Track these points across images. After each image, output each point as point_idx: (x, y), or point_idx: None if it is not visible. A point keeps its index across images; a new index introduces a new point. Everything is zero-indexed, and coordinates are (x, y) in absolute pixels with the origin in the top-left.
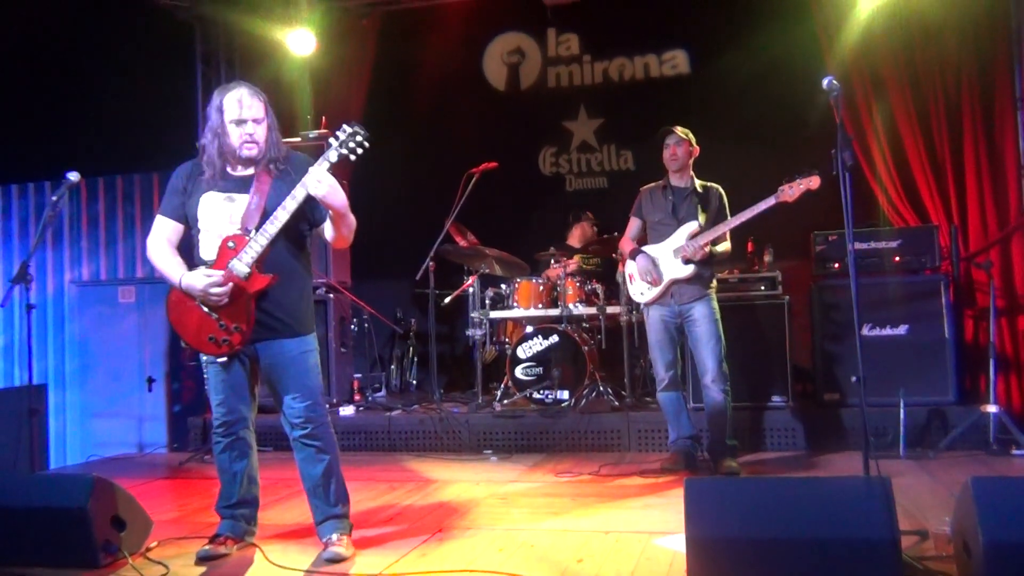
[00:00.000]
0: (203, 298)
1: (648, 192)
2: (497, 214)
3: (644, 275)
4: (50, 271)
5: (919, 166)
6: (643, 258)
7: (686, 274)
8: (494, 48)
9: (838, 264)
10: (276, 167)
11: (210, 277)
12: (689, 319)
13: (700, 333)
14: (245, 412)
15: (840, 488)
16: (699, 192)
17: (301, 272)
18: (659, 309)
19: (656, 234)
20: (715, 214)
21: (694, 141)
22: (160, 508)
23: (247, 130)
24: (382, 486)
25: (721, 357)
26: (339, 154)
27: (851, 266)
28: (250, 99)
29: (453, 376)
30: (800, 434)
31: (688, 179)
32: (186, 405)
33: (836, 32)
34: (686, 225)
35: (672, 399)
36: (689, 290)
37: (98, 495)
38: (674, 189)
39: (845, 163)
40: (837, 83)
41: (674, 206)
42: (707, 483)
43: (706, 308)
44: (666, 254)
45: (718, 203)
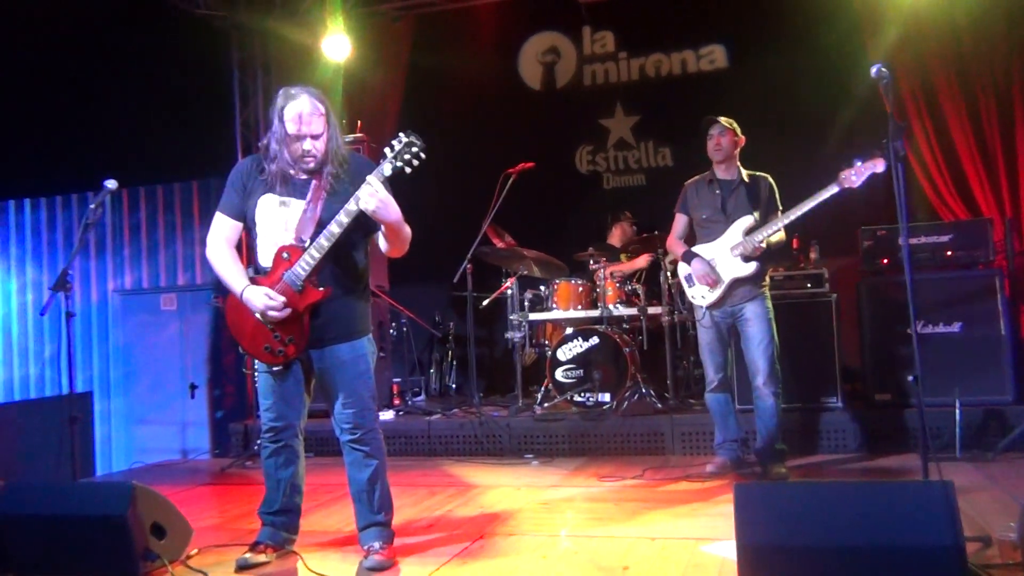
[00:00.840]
0: (260, 316)
1: (693, 186)
2: (534, 214)
3: (703, 279)
4: (94, 280)
5: (968, 157)
6: (699, 261)
7: (749, 272)
8: (529, 48)
9: (887, 260)
10: (334, 175)
11: (271, 300)
12: (741, 318)
13: (752, 333)
14: (294, 419)
15: (900, 493)
16: (747, 183)
17: (357, 281)
18: (714, 309)
19: (705, 232)
20: (767, 205)
21: (739, 130)
22: (201, 515)
23: (305, 147)
24: (422, 491)
25: (774, 358)
26: (393, 167)
27: (906, 261)
28: (309, 116)
29: (493, 379)
30: (851, 436)
31: (735, 170)
32: (228, 411)
33: (879, 22)
34: (740, 220)
35: (721, 401)
36: (742, 289)
37: (138, 503)
38: (721, 182)
39: (897, 153)
40: (887, 71)
41: (723, 201)
42: (758, 488)
43: (759, 307)
44: (723, 252)
45: (768, 193)
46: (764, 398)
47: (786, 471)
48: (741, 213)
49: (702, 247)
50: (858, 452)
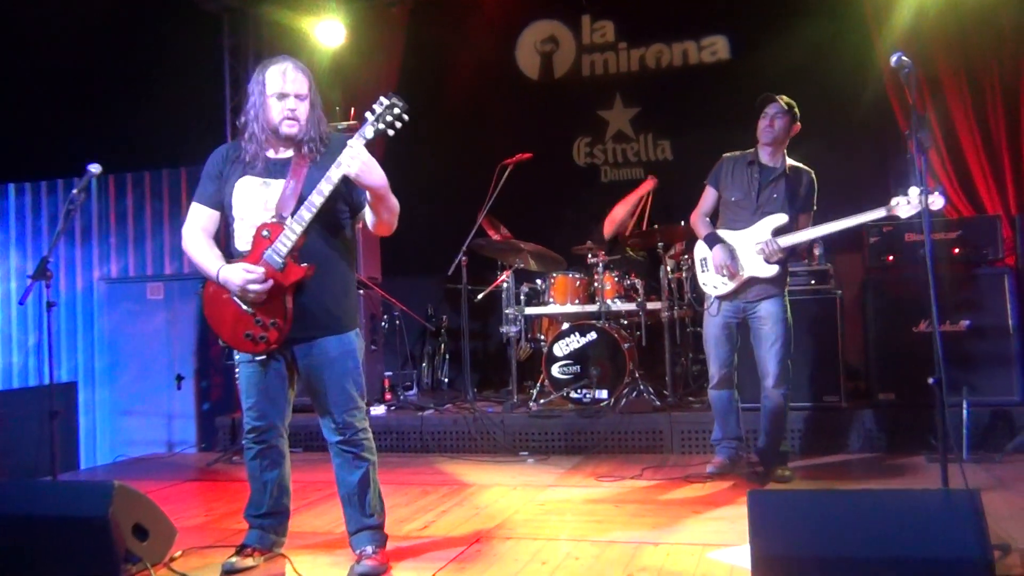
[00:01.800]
0: (241, 294)
1: (731, 162)
2: (531, 207)
3: (720, 268)
4: (79, 268)
5: (974, 154)
6: (721, 249)
7: (769, 274)
8: (527, 37)
9: (892, 257)
10: (315, 149)
11: (250, 273)
12: (755, 316)
13: (766, 333)
14: (277, 419)
15: (923, 502)
16: (789, 176)
17: (342, 263)
18: (725, 301)
19: (731, 214)
20: (803, 202)
21: (798, 114)
22: (186, 513)
23: (289, 105)
24: (415, 490)
25: (787, 361)
26: (375, 129)
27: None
28: (294, 72)
29: (486, 374)
30: (854, 436)
31: (780, 158)
32: (215, 403)
33: (885, 15)
34: (772, 217)
35: (724, 398)
36: (759, 287)
37: (119, 503)
38: (762, 167)
39: (922, 145)
40: (908, 59)
41: (759, 186)
42: (773, 496)
43: (776, 307)
44: (746, 246)
45: (808, 190)
46: (772, 399)
47: (790, 473)
48: (774, 208)
49: (725, 233)
50: (861, 452)
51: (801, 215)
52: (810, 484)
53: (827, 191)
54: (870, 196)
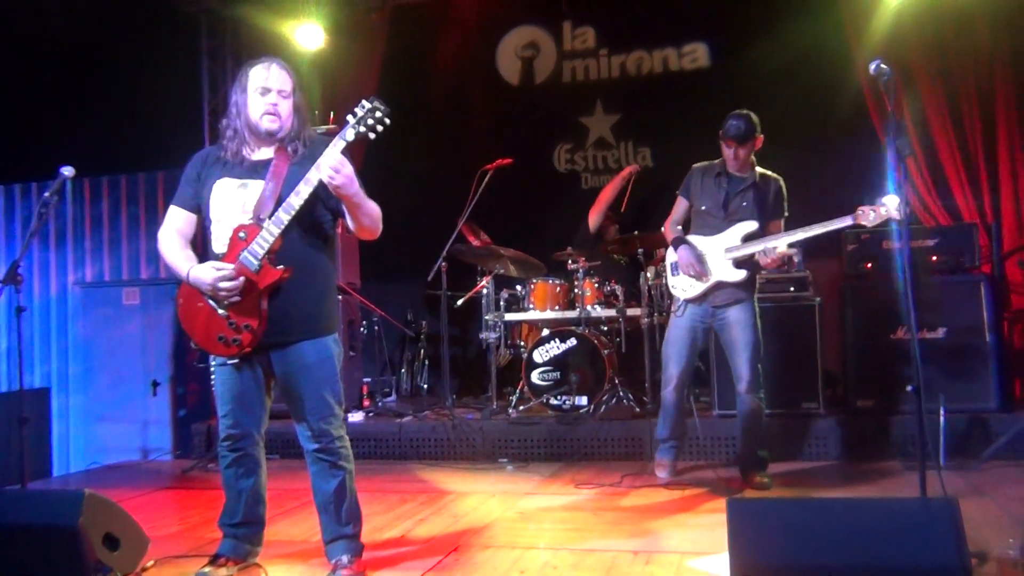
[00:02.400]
0: (212, 293)
1: (701, 172)
2: (511, 213)
3: (687, 268)
4: (53, 272)
5: (951, 162)
6: (686, 249)
7: (738, 279)
8: (508, 42)
9: (870, 264)
10: (296, 149)
11: (220, 270)
12: (723, 321)
13: (736, 338)
14: (253, 427)
15: (901, 510)
16: (758, 184)
17: (321, 266)
18: (693, 305)
19: (701, 223)
20: (772, 210)
21: (759, 129)
22: (159, 522)
23: (270, 100)
24: (393, 498)
25: (758, 365)
26: (356, 132)
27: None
28: (279, 70)
29: (466, 381)
30: (832, 443)
31: (749, 169)
32: (191, 409)
33: (863, 22)
34: (742, 224)
35: (678, 401)
36: (728, 291)
37: (90, 512)
38: (730, 177)
39: (901, 152)
40: (886, 67)
41: (727, 197)
42: (752, 504)
43: (745, 312)
44: (716, 252)
45: (776, 197)
46: (748, 403)
47: (768, 480)
48: (744, 216)
49: (695, 239)
50: (839, 459)
51: (771, 222)
52: (789, 491)
53: (805, 197)
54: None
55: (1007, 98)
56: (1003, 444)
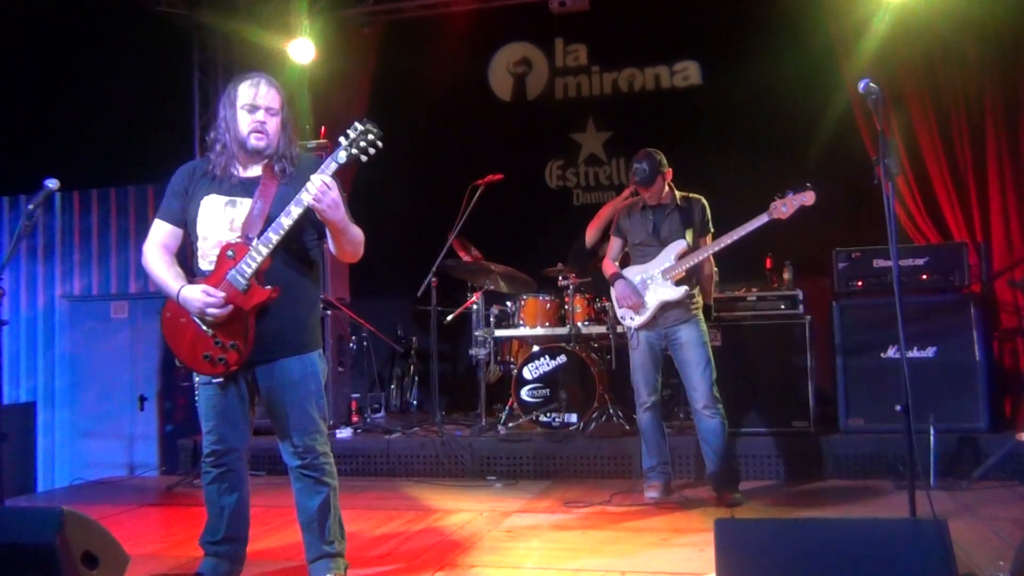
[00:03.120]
0: (200, 316)
1: (625, 211)
2: (502, 228)
3: (623, 300)
4: (40, 285)
5: (940, 180)
6: (621, 284)
7: (678, 296)
8: (500, 58)
9: (861, 282)
10: (284, 169)
11: (210, 297)
12: (675, 342)
13: (688, 357)
14: (237, 442)
15: (890, 531)
16: (681, 207)
17: (307, 285)
18: (645, 332)
19: (639, 254)
20: (699, 228)
21: (664, 163)
22: (141, 540)
23: (258, 118)
24: (379, 515)
25: (712, 381)
26: (349, 155)
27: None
28: (267, 87)
29: (455, 397)
30: (822, 462)
31: (669, 195)
32: (178, 425)
33: (852, 42)
34: (674, 244)
35: (655, 423)
36: (674, 312)
37: (68, 530)
38: (653, 208)
39: (890, 171)
40: (875, 86)
41: (655, 226)
42: (741, 525)
43: (693, 331)
44: (654, 275)
45: (701, 216)
46: (706, 419)
47: (740, 496)
48: (675, 237)
49: (633, 269)
50: (829, 477)
51: (700, 239)
52: (777, 511)
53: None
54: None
55: (996, 117)
56: (993, 464)
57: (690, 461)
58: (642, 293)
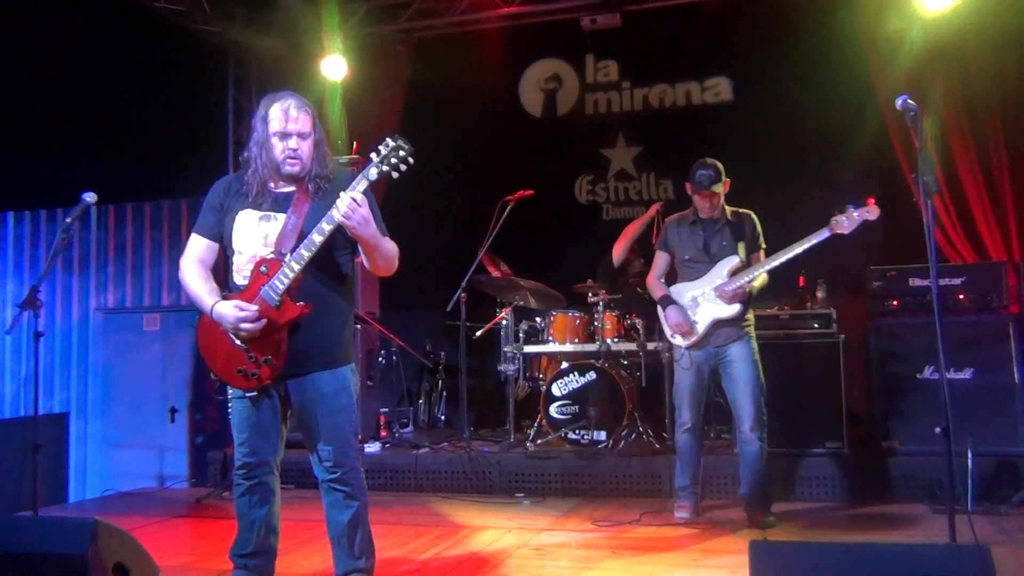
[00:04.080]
0: (233, 331)
1: (675, 224)
2: (532, 244)
3: (675, 328)
4: (75, 297)
5: (977, 199)
6: (674, 310)
7: (731, 314)
8: (530, 74)
9: (896, 301)
10: (319, 185)
11: (243, 311)
12: (725, 360)
13: (738, 376)
14: (269, 455)
15: (930, 556)
16: (731, 222)
17: (340, 300)
18: (695, 349)
19: (688, 271)
20: (750, 244)
21: (724, 173)
22: (171, 551)
23: (291, 145)
24: (408, 531)
25: (761, 403)
26: (380, 171)
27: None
28: (296, 112)
29: (483, 413)
30: (855, 484)
31: (719, 210)
32: (208, 437)
33: (887, 60)
34: (726, 260)
35: (694, 444)
36: (726, 330)
37: (100, 541)
38: (703, 222)
39: (928, 189)
40: (913, 103)
41: (705, 242)
42: (776, 547)
43: (744, 349)
44: (705, 292)
45: (752, 231)
46: (750, 443)
47: (774, 519)
48: (726, 253)
49: (683, 286)
50: (863, 500)
51: (752, 255)
52: (810, 534)
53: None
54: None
55: None
56: None
57: (720, 481)
58: (693, 311)
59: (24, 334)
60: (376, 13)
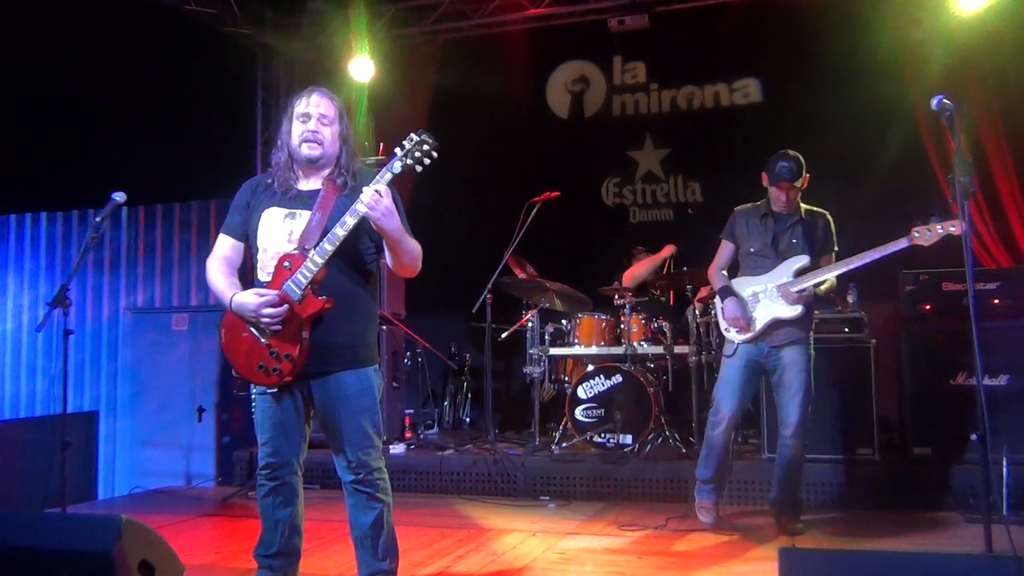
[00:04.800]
0: (255, 320)
1: (744, 214)
2: (558, 246)
3: (732, 322)
4: (106, 297)
5: (1012, 201)
6: (732, 302)
7: (793, 315)
8: (558, 76)
9: (929, 306)
10: (346, 182)
11: (262, 296)
12: (777, 361)
13: (789, 381)
14: (292, 456)
15: (965, 567)
16: (805, 220)
17: (363, 297)
18: (746, 346)
19: (752, 265)
20: (822, 245)
21: (805, 167)
22: (196, 550)
23: (310, 126)
24: (431, 533)
25: (807, 411)
26: (404, 164)
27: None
28: (319, 97)
29: (508, 415)
30: (887, 491)
31: (794, 206)
32: (235, 436)
33: (921, 61)
34: (794, 259)
35: (727, 443)
36: (785, 331)
37: (126, 538)
38: (776, 216)
39: (966, 190)
40: (950, 102)
41: (774, 237)
42: (806, 555)
43: (799, 355)
44: (768, 290)
45: (825, 232)
46: (790, 449)
47: (802, 526)
48: (795, 252)
49: (745, 279)
50: (895, 507)
51: (822, 257)
52: (840, 541)
53: (857, 233)
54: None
55: None
56: None
57: (746, 487)
58: (753, 307)
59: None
60: (403, 15)
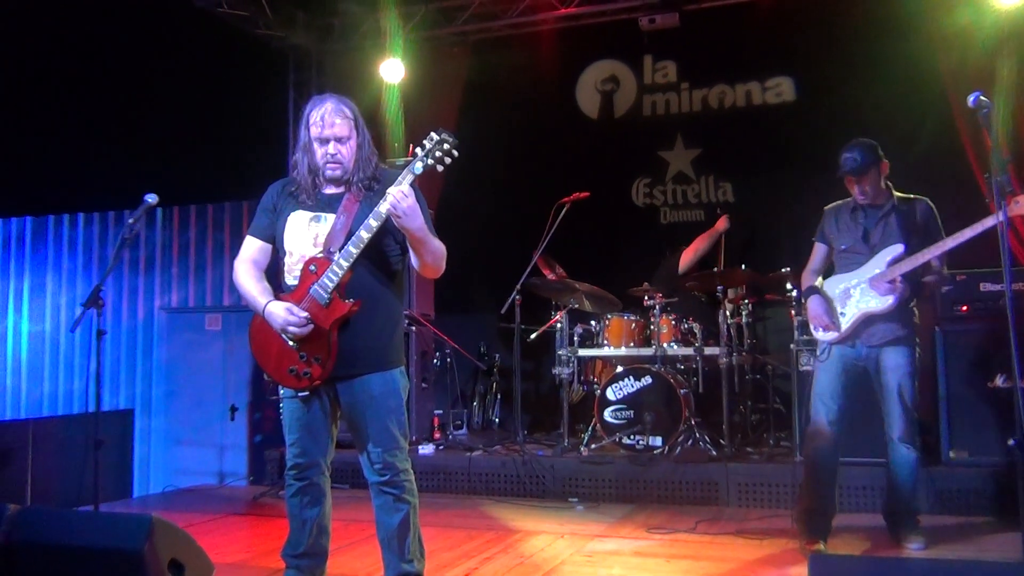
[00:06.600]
0: (281, 330)
1: (833, 212)
2: (587, 247)
3: (814, 321)
4: (141, 297)
5: None
6: (815, 301)
7: (884, 307)
8: (587, 76)
9: (966, 307)
10: (370, 185)
11: (292, 316)
12: (880, 365)
13: (891, 386)
14: (319, 456)
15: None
16: (899, 208)
17: (389, 299)
18: (840, 347)
19: (845, 262)
20: (924, 233)
21: (881, 154)
22: (226, 549)
23: (330, 150)
24: (459, 534)
25: (913, 410)
26: (425, 164)
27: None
28: (332, 116)
29: (537, 416)
30: (922, 495)
31: (884, 195)
32: (267, 436)
33: (958, 58)
34: (887, 249)
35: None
36: (883, 328)
37: (156, 537)
38: (866, 209)
39: (1003, 188)
40: (986, 99)
41: (865, 231)
42: (838, 561)
43: (902, 357)
44: (859, 283)
45: (927, 219)
46: (901, 451)
47: (922, 540)
48: (889, 243)
49: (837, 277)
50: (929, 512)
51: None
52: (874, 547)
53: None
54: None
55: None
56: None
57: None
58: (843, 304)
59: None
60: (434, 16)
